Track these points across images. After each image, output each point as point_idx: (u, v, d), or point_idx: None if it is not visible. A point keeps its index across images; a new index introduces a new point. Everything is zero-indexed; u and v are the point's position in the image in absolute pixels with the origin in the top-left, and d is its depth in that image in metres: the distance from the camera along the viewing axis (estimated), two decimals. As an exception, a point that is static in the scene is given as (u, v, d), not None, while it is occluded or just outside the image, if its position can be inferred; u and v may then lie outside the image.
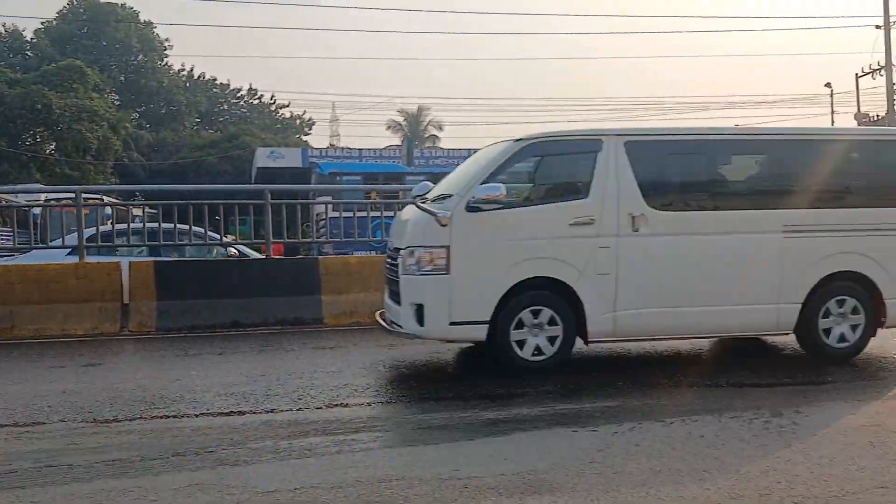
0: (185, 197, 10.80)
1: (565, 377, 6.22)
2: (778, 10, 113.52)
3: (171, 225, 9.93)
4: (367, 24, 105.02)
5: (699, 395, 5.78)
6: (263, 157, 34.40)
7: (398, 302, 6.38)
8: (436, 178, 8.47)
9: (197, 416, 5.27)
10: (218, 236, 10.62)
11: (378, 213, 10.84)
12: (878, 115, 36.92)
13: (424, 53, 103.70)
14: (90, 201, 12.21)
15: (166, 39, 55.25)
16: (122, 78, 53.20)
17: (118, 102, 50.42)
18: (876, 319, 6.75)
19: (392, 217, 9.12)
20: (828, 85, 43.19)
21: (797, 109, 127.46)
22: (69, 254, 9.77)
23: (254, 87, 59.18)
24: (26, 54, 51.09)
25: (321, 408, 5.43)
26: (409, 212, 6.82)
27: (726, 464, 4.14)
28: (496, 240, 6.19)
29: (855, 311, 6.70)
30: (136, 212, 11.89)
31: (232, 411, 5.35)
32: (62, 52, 47.79)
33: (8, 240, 12.61)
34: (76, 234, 9.59)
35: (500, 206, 6.18)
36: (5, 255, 11.02)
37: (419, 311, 6.11)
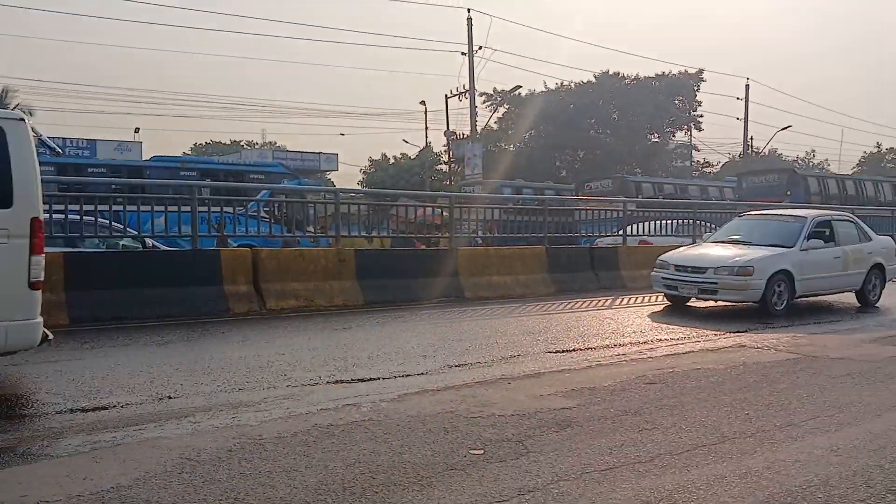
0: None
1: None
2: (393, 29, 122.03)
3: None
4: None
5: (289, 393, 5.87)
6: None
7: None
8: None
9: None
10: None
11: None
12: (464, 134, 41.53)
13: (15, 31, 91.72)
14: None
15: None
16: None
17: None
18: None
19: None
20: (422, 103, 47.49)
21: (398, 123, 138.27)
22: None
23: None
24: None
25: None
26: None
27: (315, 460, 4.24)
28: None
29: None
30: None
31: None
32: None
33: None
34: None
35: None
36: None
37: None
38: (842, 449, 4.55)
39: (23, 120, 5.77)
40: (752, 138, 50.09)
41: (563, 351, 7.89)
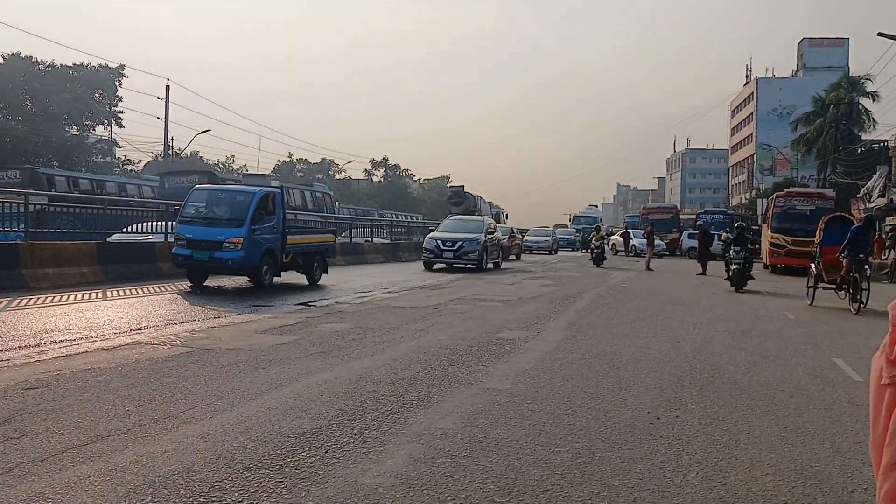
0: None
1: None
2: None
3: None
4: None
5: None
6: None
7: None
8: None
9: None
10: None
11: None
12: None
13: None
14: None
15: None
16: None
17: None
18: None
19: None
20: None
21: None
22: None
23: None
24: None
25: None
26: None
27: None
28: None
29: None
30: None
31: None
32: None
33: None
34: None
35: None
36: None
37: None
38: (211, 435, 4.78)
39: None
40: (172, 139, 50.52)
41: (-73, 361, 6.78)
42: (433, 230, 27.14)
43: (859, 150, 55.27)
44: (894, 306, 2.64)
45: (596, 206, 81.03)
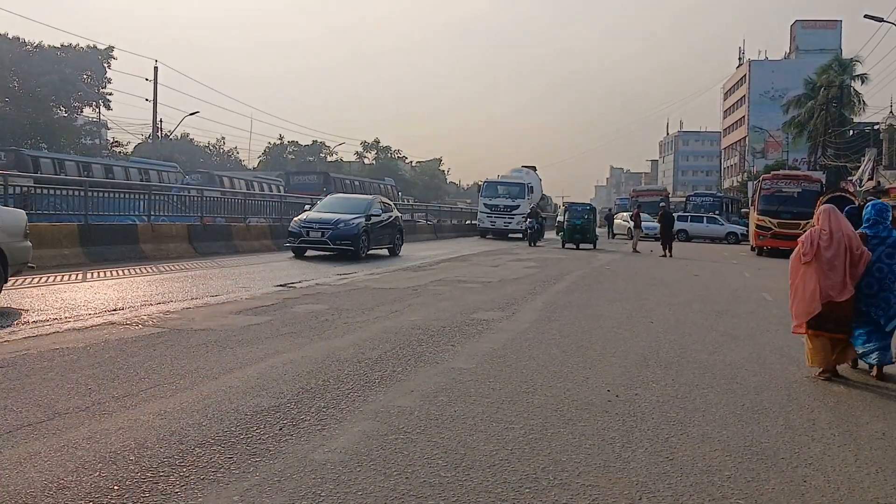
0: None
1: None
2: None
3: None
4: None
5: None
6: None
7: None
8: None
9: None
10: None
11: None
12: None
13: None
14: None
15: None
16: None
17: None
18: None
19: None
20: None
21: None
22: None
23: None
24: None
25: None
26: None
27: None
28: None
29: None
30: None
31: None
32: None
33: None
34: None
35: None
36: None
37: None
38: (168, 413, 4.82)
39: None
40: (161, 121, 50.31)
41: None
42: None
43: (850, 133, 55.33)
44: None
45: (532, 167, 48.15)
